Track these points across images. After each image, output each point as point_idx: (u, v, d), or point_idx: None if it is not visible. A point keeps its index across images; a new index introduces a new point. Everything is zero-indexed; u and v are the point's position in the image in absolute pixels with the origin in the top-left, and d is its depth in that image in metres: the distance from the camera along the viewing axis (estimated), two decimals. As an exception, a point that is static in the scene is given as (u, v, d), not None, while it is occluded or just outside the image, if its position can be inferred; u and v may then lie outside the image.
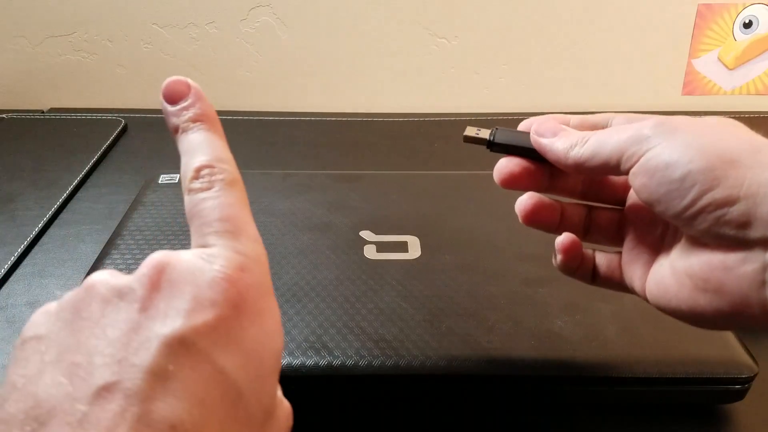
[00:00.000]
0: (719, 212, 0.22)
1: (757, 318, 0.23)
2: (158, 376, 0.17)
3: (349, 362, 0.33)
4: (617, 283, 0.30)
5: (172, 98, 0.25)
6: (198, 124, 0.25)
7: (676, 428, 0.35)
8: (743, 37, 0.77)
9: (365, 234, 0.44)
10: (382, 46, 0.79)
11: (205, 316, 0.19)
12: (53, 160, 0.64)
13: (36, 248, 0.51)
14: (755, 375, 0.34)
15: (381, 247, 0.43)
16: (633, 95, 0.82)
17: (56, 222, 0.55)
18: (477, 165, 0.66)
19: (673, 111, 0.79)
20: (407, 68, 0.80)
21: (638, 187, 0.25)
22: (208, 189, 0.23)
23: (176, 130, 0.25)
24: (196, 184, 0.23)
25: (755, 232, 0.22)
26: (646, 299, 0.28)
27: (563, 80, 0.81)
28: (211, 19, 0.78)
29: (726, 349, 0.35)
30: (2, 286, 0.46)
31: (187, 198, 0.23)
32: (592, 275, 0.30)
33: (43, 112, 0.78)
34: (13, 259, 0.49)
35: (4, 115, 0.74)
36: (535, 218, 0.30)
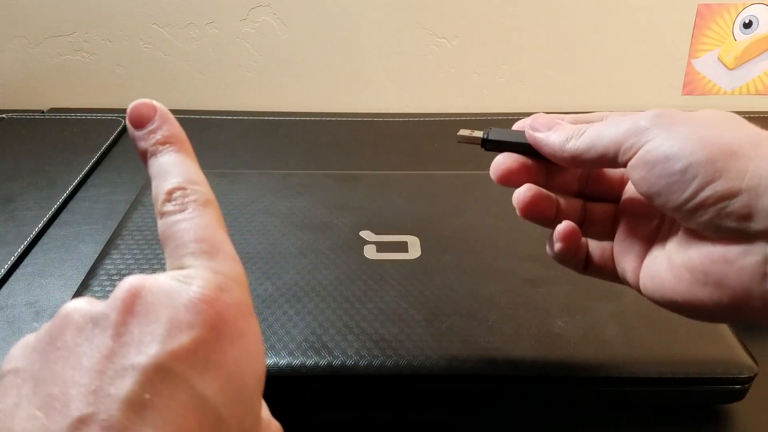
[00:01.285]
0: (721, 204, 0.22)
1: (758, 311, 0.23)
2: (134, 406, 0.17)
3: (349, 362, 0.33)
4: (609, 274, 0.30)
5: (139, 122, 0.24)
6: (167, 146, 0.24)
7: (676, 428, 0.35)
8: (743, 37, 0.77)
9: (365, 234, 0.44)
10: (382, 46, 0.79)
11: (181, 340, 0.18)
12: (53, 160, 0.64)
13: (36, 248, 0.51)
14: (755, 375, 0.34)
15: (381, 247, 0.43)
16: (633, 95, 0.82)
17: (56, 222, 0.55)
18: (477, 165, 0.66)
19: (673, 111, 0.79)
20: (407, 68, 0.80)
21: (637, 179, 0.25)
22: (182, 211, 0.22)
23: (145, 154, 0.24)
24: (169, 207, 0.22)
25: (756, 225, 0.22)
26: (639, 291, 0.28)
27: (563, 80, 0.81)
28: (210, 19, 0.78)
29: (726, 349, 0.35)
30: (2, 286, 0.46)
31: (160, 222, 0.22)
32: (584, 264, 0.30)
33: (43, 112, 0.78)
34: (13, 259, 0.49)
35: (4, 115, 0.74)
36: (533, 210, 0.29)
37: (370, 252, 0.42)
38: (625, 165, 0.25)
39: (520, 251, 0.43)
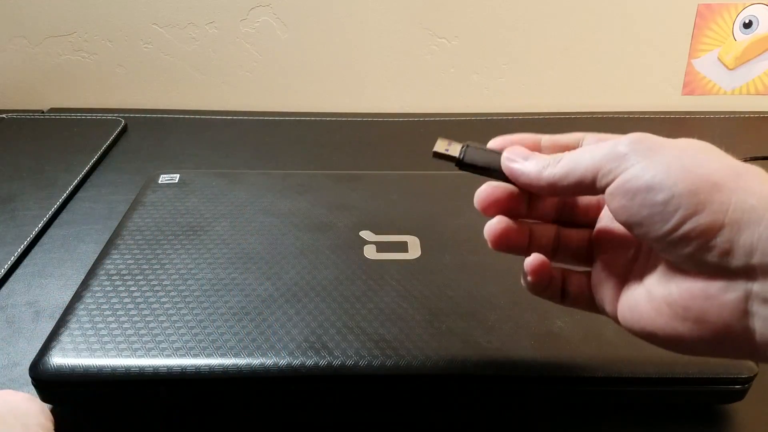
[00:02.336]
0: (703, 239, 0.22)
1: (741, 347, 0.22)
2: None
3: (349, 362, 0.33)
4: (588, 304, 0.29)
5: None
6: None
7: (676, 428, 0.35)
8: (743, 37, 0.77)
9: (365, 234, 0.44)
10: (382, 46, 0.79)
11: None
12: (53, 160, 0.64)
13: (36, 248, 0.51)
14: (755, 375, 0.34)
15: (381, 247, 0.43)
16: (633, 95, 0.82)
17: (56, 222, 0.55)
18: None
19: (673, 111, 0.79)
20: (407, 68, 0.80)
21: (616, 208, 0.24)
22: None
23: None
24: None
25: (737, 261, 0.21)
26: (617, 322, 0.27)
27: (563, 80, 0.81)
28: (211, 19, 0.78)
29: (726, 349, 0.35)
30: (2, 286, 0.46)
31: None
32: (561, 295, 0.29)
33: (43, 112, 0.78)
34: (13, 259, 0.49)
35: (4, 115, 0.74)
36: (505, 242, 0.28)
37: (370, 252, 0.42)
38: (602, 191, 0.24)
39: (520, 251, 0.43)
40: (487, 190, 0.29)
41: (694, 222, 0.22)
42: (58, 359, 0.33)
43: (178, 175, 0.52)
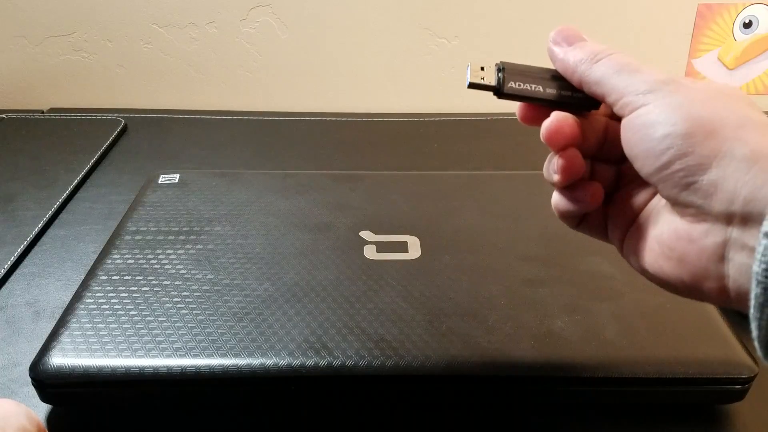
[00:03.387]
0: (689, 179, 0.23)
1: (713, 293, 0.23)
2: None
3: (349, 362, 0.33)
4: (600, 232, 0.30)
5: None
6: None
7: (676, 428, 0.35)
8: (743, 37, 0.77)
9: (365, 234, 0.44)
10: (382, 46, 0.79)
11: None
12: (53, 160, 0.64)
13: (36, 248, 0.51)
14: (755, 375, 0.34)
15: (381, 247, 0.43)
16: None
17: (56, 222, 0.55)
18: (477, 165, 0.66)
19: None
20: (407, 68, 0.80)
21: (624, 140, 0.25)
22: None
23: None
24: None
25: (719, 206, 0.22)
26: (621, 253, 0.28)
27: (563, 80, 0.81)
28: (211, 19, 0.78)
29: (726, 349, 0.35)
30: (2, 286, 0.46)
31: None
32: (579, 220, 0.30)
33: (43, 112, 0.78)
34: (13, 259, 0.49)
35: (4, 115, 0.74)
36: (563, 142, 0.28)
37: (370, 252, 0.42)
38: (619, 115, 0.26)
39: (520, 251, 0.43)
40: (556, 121, 0.27)
41: (682, 162, 0.23)
42: (58, 359, 0.33)
43: (178, 175, 0.52)
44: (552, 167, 0.28)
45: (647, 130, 0.24)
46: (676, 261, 0.24)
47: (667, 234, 0.25)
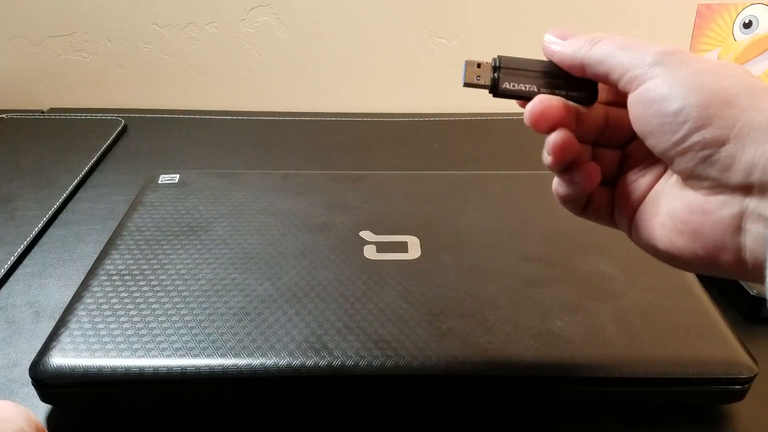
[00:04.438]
0: (707, 152, 0.22)
1: (730, 265, 0.23)
2: None
3: (349, 362, 0.33)
4: (606, 218, 0.30)
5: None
6: None
7: (676, 428, 0.35)
8: (743, 37, 0.77)
9: (365, 234, 0.44)
10: (382, 46, 0.79)
11: None
12: (53, 160, 0.64)
13: (36, 248, 0.51)
14: (755, 375, 0.34)
15: (381, 247, 0.43)
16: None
17: (56, 222, 0.55)
18: (477, 165, 0.66)
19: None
20: (407, 68, 0.80)
21: (634, 117, 0.25)
22: None
23: None
24: None
25: (737, 177, 0.22)
26: (629, 236, 0.28)
27: (563, 80, 0.81)
28: (211, 19, 0.78)
29: (726, 349, 0.35)
30: (2, 286, 0.46)
31: None
32: (584, 206, 0.30)
33: (43, 112, 0.78)
34: (13, 259, 0.49)
35: (4, 115, 0.74)
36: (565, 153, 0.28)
37: (370, 252, 0.42)
38: (623, 92, 0.25)
39: (520, 251, 0.43)
40: (539, 104, 0.28)
41: (700, 135, 0.22)
42: (58, 359, 0.33)
43: (178, 175, 0.52)
44: (545, 149, 0.28)
45: (660, 104, 0.23)
46: (689, 235, 0.24)
47: (680, 208, 0.24)
